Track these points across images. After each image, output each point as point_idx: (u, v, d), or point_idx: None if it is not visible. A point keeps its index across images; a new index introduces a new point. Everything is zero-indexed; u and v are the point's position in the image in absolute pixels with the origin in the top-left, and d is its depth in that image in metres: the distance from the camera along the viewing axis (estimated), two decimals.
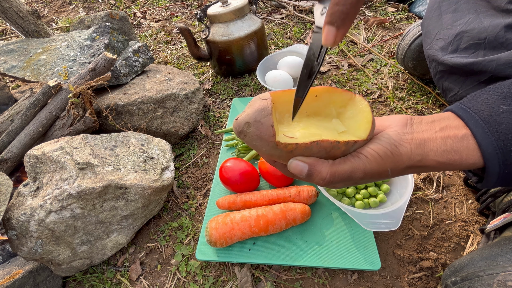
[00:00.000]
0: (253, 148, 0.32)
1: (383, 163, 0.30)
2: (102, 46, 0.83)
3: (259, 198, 0.58)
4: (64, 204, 0.52)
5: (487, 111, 0.30)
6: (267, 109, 0.29)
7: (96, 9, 1.76)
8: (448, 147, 0.30)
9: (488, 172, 0.30)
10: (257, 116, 0.29)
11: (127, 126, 0.76)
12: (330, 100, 0.34)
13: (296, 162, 0.30)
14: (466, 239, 0.53)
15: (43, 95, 0.69)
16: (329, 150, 0.29)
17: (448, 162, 0.30)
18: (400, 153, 0.30)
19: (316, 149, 0.29)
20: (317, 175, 0.30)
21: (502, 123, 0.29)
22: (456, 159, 0.30)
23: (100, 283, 0.59)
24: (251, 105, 0.31)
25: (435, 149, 0.30)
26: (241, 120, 0.30)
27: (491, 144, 0.29)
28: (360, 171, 0.30)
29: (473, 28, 0.54)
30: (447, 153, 0.30)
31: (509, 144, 0.29)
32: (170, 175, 0.64)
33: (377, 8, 1.27)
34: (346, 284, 0.51)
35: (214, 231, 0.52)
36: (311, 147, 0.29)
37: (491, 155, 0.29)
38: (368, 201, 0.54)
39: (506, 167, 0.29)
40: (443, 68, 0.60)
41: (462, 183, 0.62)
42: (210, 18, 0.94)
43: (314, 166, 0.30)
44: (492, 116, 0.30)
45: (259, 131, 0.29)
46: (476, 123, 0.30)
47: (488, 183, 0.31)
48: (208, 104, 0.96)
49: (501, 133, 0.29)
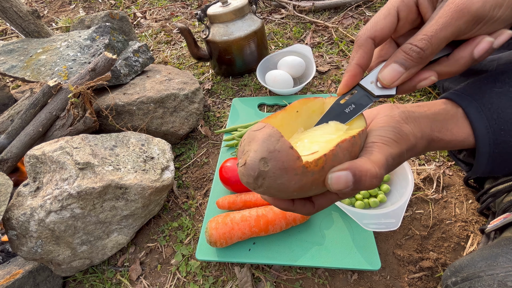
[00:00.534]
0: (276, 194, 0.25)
1: (400, 145, 0.28)
2: (102, 46, 0.83)
3: (259, 198, 0.58)
4: (64, 204, 0.52)
5: (480, 93, 0.30)
6: (275, 134, 0.24)
7: (96, 9, 1.76)
8: (439, 123, 0.30)
9: (478, 152, 0.30)
10: (268, 145, 0.23)
11: (127, 126, 0.76)
12: (310, 110, 0.32)
13: (336, 175, 0.24)
14: (466, 239, 0.53)
15: (43, 95, 0.69)
16: (351, 149, 0.26)
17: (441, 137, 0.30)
18: (406, 134, 0.29)
19: (341, 153, 0.25)
20: (366, 175, 0.24)
21: (494, 102, 0.29)
22: (448, 135, 0.30)
23: (100, 283, 0.59)
24: (252, 140, 0.25)
25: (429, 124, 0.30)
26: (253, 160, 0.24)
27: (483, 122, 0.29)
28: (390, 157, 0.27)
29: None
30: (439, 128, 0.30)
31: (500, 123, 0.29)
32: (170, 175, 0.64)
33: (377, 8, 1.26)
34: (346, 284, 0.51)
35: (214, 231, 0.52)
36: (336, 153, 0.25)
37: (482, 133, 0.29)
38: (368, 201, 0.54)
39: (496, 146, 0.29)
40: None
41: (462, 183, 0.62)
42: (210, 18, 0.94)
43: (355, 168, 0.24)
44: (485, 97, 0.30)
45: (281, 161, 0.23)
46: (469, 103, 0.30)
47: (478, 167, 0.31)
48: (208, 104, 0.96)
49: (493, 112, 0.29)
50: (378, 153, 0.26)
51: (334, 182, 0.24)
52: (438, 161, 0.66)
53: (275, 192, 0.25)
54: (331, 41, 1.13)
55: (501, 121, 0.28)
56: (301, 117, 0.32)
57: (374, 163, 0.25)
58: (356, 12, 1.26)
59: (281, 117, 0.30)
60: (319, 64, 1.01)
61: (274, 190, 0.25)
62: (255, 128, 0.26)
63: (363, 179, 0.24)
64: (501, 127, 0.28)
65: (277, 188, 0.24)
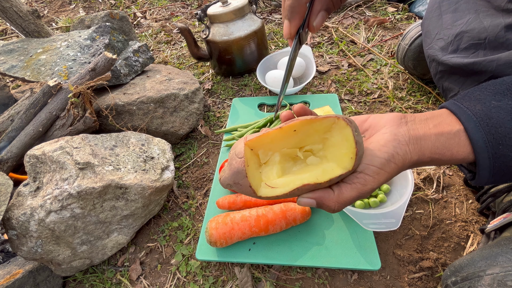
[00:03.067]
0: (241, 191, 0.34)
1: (386, 174, 0.31)
2: (102, 46, 0.83)
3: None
4: (64, 204, 0.52)
5: (478, 107, 0.31)
6: (242, 172, 0.31)
7: (96, 9, 1.76)
8: (440, 144, 0.31)
9: (479, 166, 0.31)
10: (235, 178, 0.31)
11: (127, 126, 0.76)
12: (311, 131, 0.33)
13: (304, 200, 0.32)
14: (466, 239, 0.53)
15: (43, 95, 0.69)
16: (313, 189, 0.31)
17: (440, 158, 0.31)
18: (400, 156, 0.31)
19: (298, 192, 0.31)
20: (326, 207, 0.32)
21: (493, 117, 0.30)
22: (447, 155, 0.31)
23: (100, 283, 0.59)
24: (230, 164, 0.32)
25: (430, 146, 0.31)
26: (224, 181, 0.34)
27: (481, 137, 0.30)
28: (367, 191, 0.31)
29: (473, 28, 0.54)
30: (440, 149, 0.31)
31: (498, 137, 0.29)
32: (170, 175, 0.64)
33: (377, 8, 1.27)
34: (346, 284, 0.51)
35: (214, 231, 0.52)
36: (293, 193, 0.31)
37: (481, 148, 0.30)
38: (368, 201, 0.54)
39: (496, 160, 0.30)
40: (443, 68, 0.60)
41: (462, 183, 0.62)
42: (210, 18, 0.94)
43: (321, 199, 0.31)
44: (484, 111, 0.30)
45: (242, 190, 0.32)
46: (468, 117, 0.31)
47: (481, 178, 0.32)
48: (208, 104, 0.96)
49: (491, 126, 0.30)
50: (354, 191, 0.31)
51: (302, 203, 0.32)
52: None
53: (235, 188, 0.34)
54: (331, 41, 1.13)
55: (499, 136, 0.29)
56: (298, 136, 0.33)
57: (338, 201, 0.31)
58: (356, 12, 1.26)
59: (274, 135, 0.32)
60: (319, 64, 1.02)
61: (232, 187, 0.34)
62: (238, 153, 0.32)
63: (323, 207, 0.32)
64: (499, 142, 0.29)
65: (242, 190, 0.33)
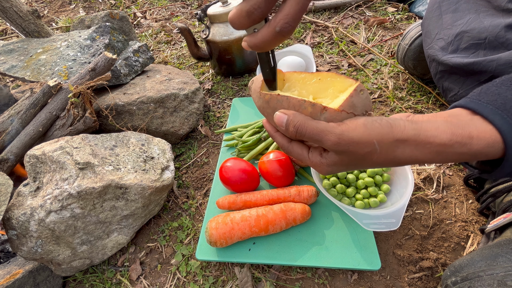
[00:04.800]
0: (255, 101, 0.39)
1: (367, 133, 0.27)
2: (102, 46, 0.83)
3: (259, 198, 0.58)
4: (64, 204, 0.52)
5: (500, 100, 0.29)
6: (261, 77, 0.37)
7: (96, 9, 1.76)
8: (451, 125, 0.27)
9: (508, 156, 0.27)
10: (258, 77, 0.38)
11: (127, 126, 0.76)
12: (331, 85, 0.36)
13: (279, 114, 0.33)
14: (466, 239, 0.53)
15: (43, 95, 0.69)
16: (297, 108, 0.32)
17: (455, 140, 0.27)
18: (390, 125, 0.28)
19: (286, 103, 0.33)
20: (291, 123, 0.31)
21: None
22: (464, 135, 0.27)
23: (100, 283, 0.59)
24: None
25: (434, 127, 0.27)
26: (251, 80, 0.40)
27: (508, 127, 0.27)
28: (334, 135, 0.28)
29: (473, 28, 0.54)
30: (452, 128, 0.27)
31: None
32: (170, 175, 0.64)
33: (377, 8, 1.26)
34: (346, 284, 0.51)
35: (214, 231, 0.52)
36: (281, 100, 0.33)
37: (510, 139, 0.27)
38: (368, 201, 0.54)
39: None
40: (443, 68, 0.60)
41: (462, 183, 0.62)
42: (210, 18, 0.94)
43: (291, 116, 0.31)
44: (507, 104, 0.28)
45: (255, 85, 0.38)
46: (492, 111, 0.28)
47: (504, 170, 0.29)
48: (208, 104, 0.96)
49: None
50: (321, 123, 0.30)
51: (276, 118, 0.33)
52: None
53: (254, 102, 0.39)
54: (331, 41, 1.13)
55: None
56: (319, 85, 0.36)
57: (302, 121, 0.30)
58: (356, 12, 1.26)
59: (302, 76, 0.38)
60: (319, 64, 1.01)
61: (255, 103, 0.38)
62: None
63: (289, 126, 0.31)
64: None
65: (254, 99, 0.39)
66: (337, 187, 0.56)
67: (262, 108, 0.37)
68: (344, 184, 0.58)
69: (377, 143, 0.28)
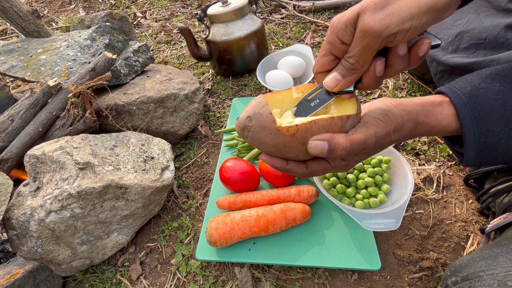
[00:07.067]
0: (258, 146, 0.34)
1: (386, 126, 0.33)
2: (102, 46, 0.83)
3: (259, 198, 0.58)
4: (64, 204, 0.52)
5: (469, 88, 0.34)
6: (263, 102, 0.32)
7: (96, 9, 1.76)
8: (426, 110, 0.35)
9: (465, 142, 0.34)
10: (255, 109, 0.32)
11: (127, 126, 0.76)
12: None
13: (315, 142, 0.32)
14: (466, 239, 0.53)
15: (43, 95, 0.69)
16: (327, 128, 0.32)
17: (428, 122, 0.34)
18: (394, 116, 0.34)
19: (316, 128, 0.32)
20: (338, 147, 0.32)
21: (479, 96, 0.33)
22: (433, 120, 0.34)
23: (100, 283, 0.59)
24: (248, 104, 0.34)
25: (416, 110, 0.35)
26: (242, 117, 0.33)
27: (468, 113, 0.33)
28: (373, 136, 0.33)
29: (473, 28, 0.54)
30: (425, 114, 0.34)
31: (483, 113, 0.32)
32: (170, 175, 0.64)
33: None
34: (346, 284, 0.51)
35: (214, 231, 0.52)
36: (310, 126, 0.31)
37: (468, 123, 0.33)
38: (368, 201, 0.54)
39: (481, 135, 0.33)
40: (444, 68, 0.60)
41: (462, 183, 0.62)
42: (210, 18, 0.94)
43: (332, 140, 0.32)
44: (473, 91, 0.33)
45: (261, 121, 0.31)
46: (458, 96, 0.34)
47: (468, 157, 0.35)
48: (208, 104, 0.96)
49: (478, 104, 0.33)
50: (359, 133, 0.33)
51: (312, 147, 0.32)
52: (438, 161, 0.66)
53: (257, 144, 0.33)
54: None
55: (484, 112, 0.32)
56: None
57: (348, 140, 0.32)
58: None
59: (284, 94, 0.36)
60: None
61: (256, 142, 0.33)
62: (256, 97, 0.34)
63: (335, 150, 0.32)
64: (484, 117, 0.32)
65: (258, 140, 0.33)
66: (337, 187, 0.56)
67: (282, 144, 0.32)
68: (344, 184, 0.58)
69: (392, 132, 0.34)
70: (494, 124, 0.32)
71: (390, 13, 0.27)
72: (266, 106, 0.32)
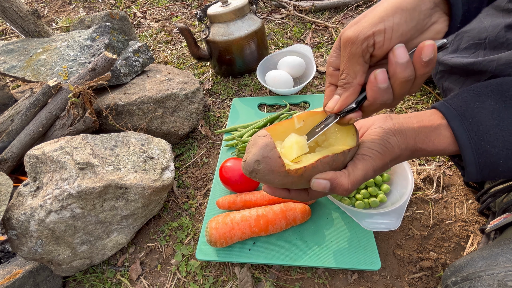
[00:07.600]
0: (265, 183, 0.36)
1: (384, 157, 0.35)
2: (102, 46, 0.83)
3: (259, 198, 0.58)
4: (64, 204, 0.52)
5: (464, 107, 0.34)
6: (270, 144, 0.32)
7: (96, 9, 1.76)
8: (423, 135, 0.35)
9: (465, 162, 0.34)
10: (263, 152, 0.32)
11: (127, 126, 0.76)
12: (315, 121, 0.38)
13: (318, 181, 0.34)
14: (466, 239, 0.53)
15: (43, 95, 0.69)
16: (331, 163, 0.34)
17: (425, 148, 0.35)
18: (392, 146, 0.35)
19: (321, 166, 0.33)
20: (340, 187, 0.34)
21: (475, 116, 0.33)
22: (430, 146, 0.35)
23: (100, 283, 0.59)
24: (254, 145, 0.34)
25: (413, 137, 0.35)
26: (250, 160, 0.33)
27: (465, 134, 0.33)
28: (371, 170, 0.35)
29: (473, 28, 0.54)
30: (423, 140, 0.35)
31: (480, 134, 0.33)
32: (170, 175, 0.64)
33: None
34: (346, 284, 0.51)
35: (214, 231, 0.52)
36: (316, 165, 0.33)
37: (465, 144, 0.33)
38: (368, 201, 0.54)
39: (480, 156, 0.33)
40: (443, 68, 0.60)
41: (462, 183, 0.62)
42: (210, 18, 0.94)
43: (335, 180, 0.34)
44: (468, 111, 0.34)
45: (269, 166, 0.32)
46: (454, 116, 0.34)
47: (469, 174, 0.35)
48: (208, 104, 0.96)
49: (474, 125, 0.33)
50: (359, 170, 0.34)
51: (315, 185, 0.34)
52: (438, 161, 0.66)
53: (264, 183, 0.35)
54: (331, 41, 1.13)
55: (481, 133, 0.32)
56: (306, 127, 0.38)
57: (350, 181, 0.34)
58: (356, 12, 1.26)
59: (287, 124, 0.37)
60: (319, 64, 1.02)
61: (264, 181, 0.35)
62: (260, 134, 0.34)
63: (336, 189, 0.34)
64: (481, 138, 0.32)
65: (266, 181, 0.34)
66: None
67: (290, 183, 0.34)
68: None
69: (389, 162, 0.36)
70: (492, 145, 0.32)
71: (363, 21, 0.30)
72: (275, 150, 0.32)
